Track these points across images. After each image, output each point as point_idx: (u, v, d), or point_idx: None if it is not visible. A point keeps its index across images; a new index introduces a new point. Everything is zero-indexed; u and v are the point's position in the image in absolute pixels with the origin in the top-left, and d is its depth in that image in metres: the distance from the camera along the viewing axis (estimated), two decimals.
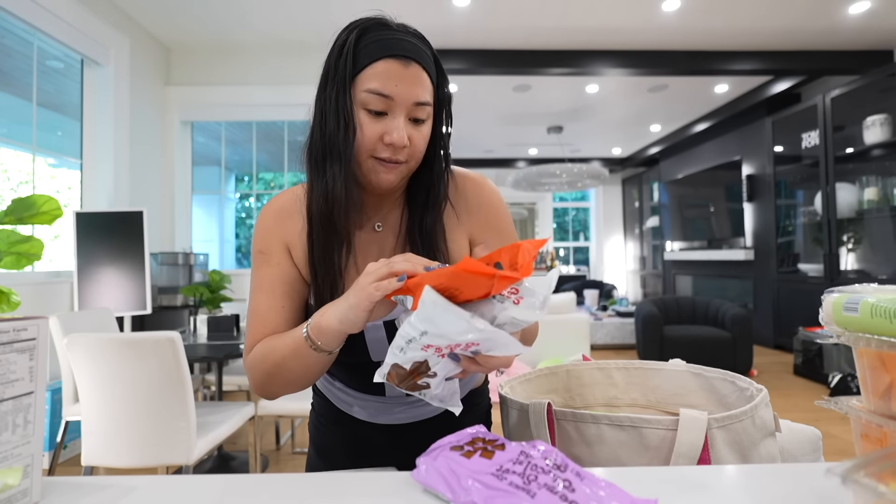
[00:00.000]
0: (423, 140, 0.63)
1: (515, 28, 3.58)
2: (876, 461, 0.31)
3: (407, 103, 0.60)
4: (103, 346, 1.52)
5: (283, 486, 0.48)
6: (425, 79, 0.61)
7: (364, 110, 0.60)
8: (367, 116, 0.60)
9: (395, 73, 0.59)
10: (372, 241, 0.70)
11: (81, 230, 2.73)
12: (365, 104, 0.60)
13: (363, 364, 0.69)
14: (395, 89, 0.59)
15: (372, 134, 0.60)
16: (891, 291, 0.49)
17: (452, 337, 0.43)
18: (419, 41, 0.63)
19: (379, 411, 0.74)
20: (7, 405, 0.42)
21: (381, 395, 0.73)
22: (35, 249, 0.87)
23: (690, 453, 0.52)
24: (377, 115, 0.60)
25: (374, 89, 0.59)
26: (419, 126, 0.62)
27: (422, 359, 0.46)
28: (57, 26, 2.69)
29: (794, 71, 4.05)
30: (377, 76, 0.59)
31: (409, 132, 0.61)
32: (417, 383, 0.49)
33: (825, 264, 3.99)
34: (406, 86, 0.59)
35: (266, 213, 0.70)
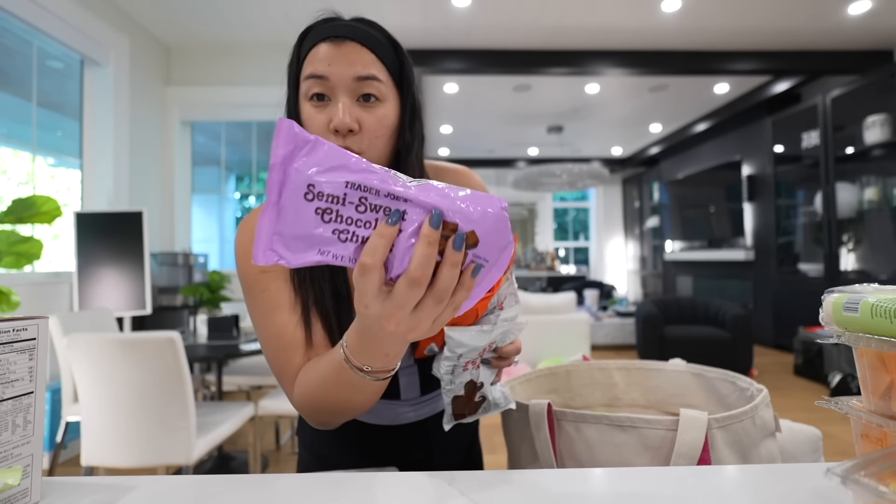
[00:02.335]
0: (378, 123, 0.58)
1: (515, 28, 3.58)
2: (876, 461, 0.31)
3: (346, 81, 0.56)
4: (103, 346, 1.52)
5: (283, 486, 0.48)
6: (366, 54, 0.57)
7: (307, 101, 0.57)
8: (311, 107, 0.57)
9: (328, 53, 0.56)
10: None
11: (81, 230, 2.73)
12: (306, 93, 0.57)
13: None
14: (328, 69, 0.55)
15: (319, 125, 0.57)
16: (891, 291, 0.49)
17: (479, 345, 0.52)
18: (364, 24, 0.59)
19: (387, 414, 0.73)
20: (7, 405, 0.42)
21: (396, 398, 0.71)
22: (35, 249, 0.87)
23: (690, 453, 0.52)
24: (319, 101, 0.57)
25: (309, 73, 0.56)
26: (371, 106, 0.57)
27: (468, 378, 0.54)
28: (57, 26, 2.69)
29: (794, 71, 4.05)
30: (311, 61, 0.57)
31: (359, 114, 0.57)
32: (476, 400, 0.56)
33: (825, 264, 3.99)
34: (340, 63, 0.56)
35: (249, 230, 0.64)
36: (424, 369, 0.71)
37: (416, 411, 0.73)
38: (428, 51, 3.87)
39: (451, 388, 0.54)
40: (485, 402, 0.57)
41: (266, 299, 0.61)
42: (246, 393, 2.88)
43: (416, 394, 0.72)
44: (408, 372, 0.70)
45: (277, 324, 0.60)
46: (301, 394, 0.57)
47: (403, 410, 0.73)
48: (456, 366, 0.53)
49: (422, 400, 0.73)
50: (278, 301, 0.60)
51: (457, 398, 0.55)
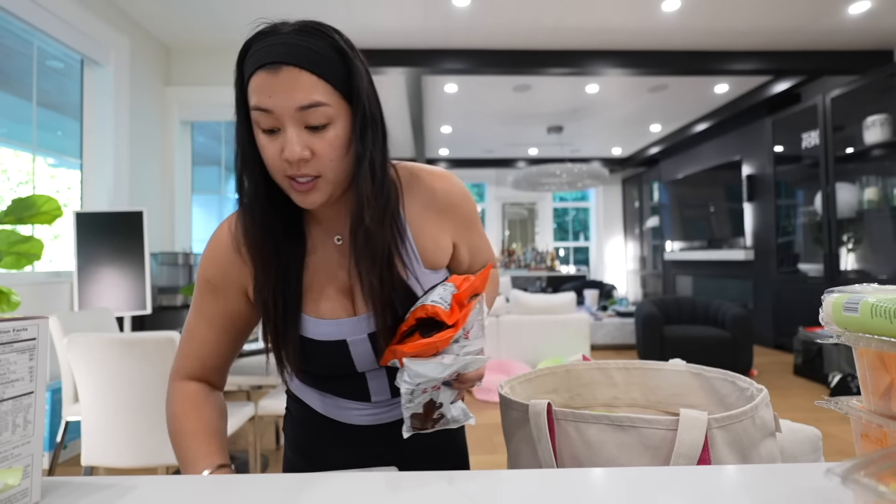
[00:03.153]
0: (328, 147, 0.56)
1: (515, 28, 3.58)
2: (876, 461, 0.31)
3: (289, 112, 0.54)
4: (103, 346, 1.52)
5: (283, 486, 0.48)
6: (306, 78, 0.53)
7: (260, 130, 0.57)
8: (264, 137, 0.56)
9: (266, 84, 0.53)
10: (333, 256, 0.67)
11: (81, 230, 2.73)
12: (257, 122, 0.56)
13: (349, 375, 0.70)
14: (269, 101, 0.53)
15: (272, 153, 0.56)
16: (891, 291, 0.49)
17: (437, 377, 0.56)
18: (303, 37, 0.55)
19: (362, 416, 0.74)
20: (7, 405, 0.42)
21: (367, 401, 0.72)
22: (35, 249, 0.87)
23: (690, 453, 0.52)
24: (271, 132, 0.56)
25: (253, 105, 0.55)
26: (321, 132, 0.56)
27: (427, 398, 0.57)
28: (57, 26, 2.69)
29: (794, 71, 4.05)
30: (254, 91, 0.55)
31: (309, 141, 0.55)
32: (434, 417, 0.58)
33: (825, 264, 3.99)
34: (280, 94, 0.53)
35: (221, 242, 0.65)
36: (392, 373, 0.71)
37: (390, 412, 0.73)
38: (428, 51, 3.87)
39: (410, 406, 0.57)
40: (443, 419, 0.59)
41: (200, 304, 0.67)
42: (246, 393, 2.88)
43: (387, 396, 0.72)
44: (375, 375, 0.71)
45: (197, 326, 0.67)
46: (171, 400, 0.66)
47: (377, 412, 0.73)
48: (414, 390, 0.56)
49: (394, 402, 0.73)
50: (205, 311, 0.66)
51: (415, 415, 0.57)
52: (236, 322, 0.68)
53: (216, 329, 0.67)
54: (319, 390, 0.74)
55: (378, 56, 3.87)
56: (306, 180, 0.57)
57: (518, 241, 8.89)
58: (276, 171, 0.57)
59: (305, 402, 0.77)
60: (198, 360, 0.67)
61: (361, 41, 3.73)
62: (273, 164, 0.57)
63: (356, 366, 0.67)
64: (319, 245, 0.67)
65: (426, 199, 0.68)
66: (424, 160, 7.47)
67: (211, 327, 0.67)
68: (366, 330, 0.66)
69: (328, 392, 0.73)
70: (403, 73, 4.04)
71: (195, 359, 0.67)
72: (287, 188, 0.59)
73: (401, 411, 0.72)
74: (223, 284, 0.66)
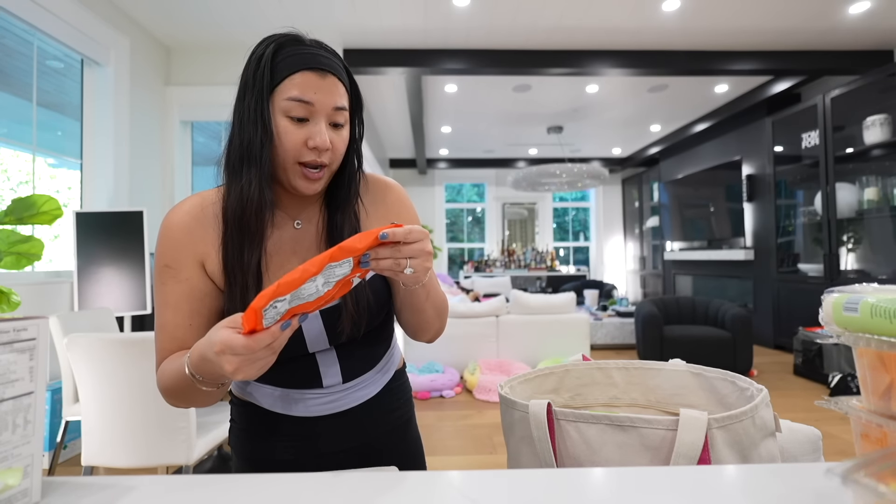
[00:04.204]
0: (342, 143, 0.69)
1: (515, 28, 3.58)
2: (876, 461, 0.31)
3: (327, 109, 0.66)
4: (103, 346, 1.52)
5: (283, 486, 0.48)
6: (341, 87, 0.68)
7: (286, 118, 0.65)
8: (289, 123, 0.65)
9: (314, 83, 0.65)
10: (291, 239, 0.73)
11: (81, 230, 2.73)
12: (287, 111, 0.65)
13: (299, 358, 0.72)
14: (314, 97, 0.65)
15: (296, 139, 0.65)
16: (891, 291, 0.49)
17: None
18: (332, 55, 0.69)
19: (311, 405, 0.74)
20: (7, 405, 0.42)
21: (319, 387, 0.74)
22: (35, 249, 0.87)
23: (690, 453, 0.52)
24: (299, 121, 0.65)
25: (295, 97, 0.64)
26: (339, 130, 0.69)
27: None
28: (57, 26, 2.69)
29: (794, 71, 4.05)
30: (297, 86, 0.64)
31: (331, 136, 0.67)
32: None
33: (825, 264, 3.99)
34: (324, 94, 0.65)
35: (171, 225, 0.69)
36: (344, 356, 0.74)
37: (340, 400, 0.75)
38: (428, 51, 3.87)
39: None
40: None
41: (163, 292, 0.68)
42: None
43: (338, 381, 0.74)
44: (326, 357, 0.73)
45: (165, 316, 0.68)
46: (160, 379, 0.67)
47: (331, 399, 0.75)
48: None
49: (345, 388, 0.75)
50: (171, 299, 0.68)
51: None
52: (204, 301, 0.69)
53: (184, 312, 0.68)
54: (270, 384, 0.74)
55: (378, 56, 3.87)
56: (317, 170, 0.68)
57: (518, 241, 8.89)
58: (293, 154, 0.66)
59: (253, 404, 0.77)
60: (176, 345, 0.68)
61: (362, 41, 3.74)
62: (293, 149, 0.66)
63: (307, 344, 0.70)
64: (278, 229, 0.73)
65: (374, 197, 0.79)
66: (424, 160, 7.47)
67: (178, 311, 0.68)
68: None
69: (279, 384, 0.74)
70: (403, 73, 4.05)
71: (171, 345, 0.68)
72: (295, 174, 0.67)
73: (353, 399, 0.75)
74: (179, 264, 0.68)
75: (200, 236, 0.69)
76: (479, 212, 9.00)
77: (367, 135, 5.31)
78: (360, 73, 3.99)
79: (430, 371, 3.65)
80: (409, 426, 0.86)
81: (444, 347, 3.91)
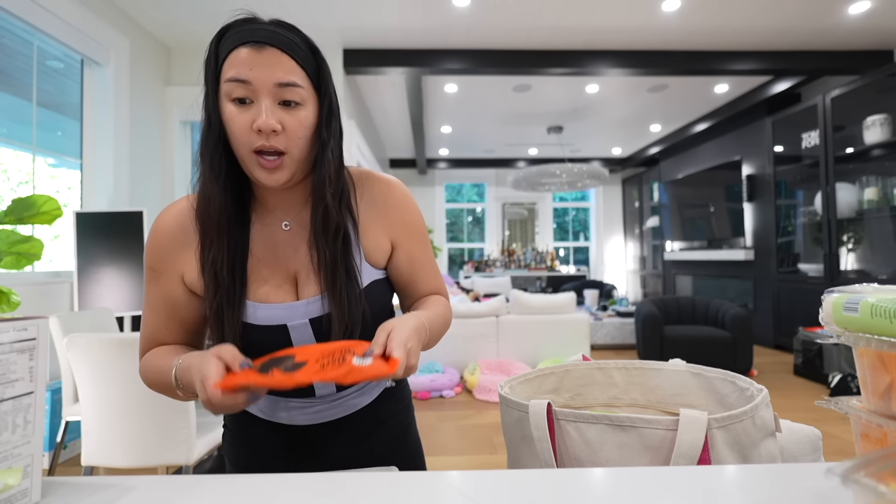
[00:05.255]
0: (299, 125, 0.61)
1: (515, 28, 3.58)
2: (876, 461, 0.31)
3: (268, 85, 0.59)
4: (103, 346, 1.52)
5: (282, 486, 0.48)
6: (286, 61, 0.60)
7: (230, 102, 0.60)
8: (233, 107, 0.60)
9: (250, 58, 0.58)
10: (279, 242, 0.69)
11: (81, 230, 2.73)
12: (228, 94, 0.60)
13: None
14: (250, 73, 0.58)
15: (242, 124, 0.59)
16: (891, 291, 0.49)
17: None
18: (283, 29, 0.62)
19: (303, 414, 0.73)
20: (7, 405, 0.42)
21: (311, 396, 0.73)
22: (35, 249, 0.87)
23: (690, 453, 0.52)
24: (241, 103, 0.60)
25: (231, 76, 0.59)
26: (293, 110, 0.61)
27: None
28: (57, 26, 2.69)
29: (794, 71, 4.05)
30: (233, 64, 0.59)
31: (281, 116, 0.60)
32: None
33: (825, 264, 3.99)
34: (263, 68, 0.58)
35: (158, 229, 0.68)
36: None
37: (334, 409, 0.74)
38: (428, 51, 3.87)
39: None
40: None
41: (147, 292, 0.69)
42: None
43: (332, 390, 0.73)
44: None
45: (147, 315, 0.69)
46: (143, 369, 0.68)
47: (322, 408, 0.73)
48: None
49: (338, 397, 0.74)
50: (151, 301, 0.68)
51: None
52: (179, 310, 0.69)
53: (161, 316, 0.68)
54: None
55: (378, 56, 3.87)
56: (273, 157, 0.60)
57: (518, 241, 8.89)
58: (244, 144, 0.60)
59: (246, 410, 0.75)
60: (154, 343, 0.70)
61: (362, 41, 3.74)
62: (241, 136, 0.59)
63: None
64: (265, 231, 0.69)
65: (373, 197, 0.72)
66: (424, 160, 7.47)
67: (157, 314, 0.68)
68: (307, 315, 0.67)
69: (271, 392, 0.73)
70: (403, 73, 4.04)
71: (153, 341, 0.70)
72: (252, 164, 0.61)
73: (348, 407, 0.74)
74: (161, 270, 0.67)
75: (183, 242, 0.67)
76: (479, 212, 9.00)
77: (367, 135, 5.31)
78: (360, 73, 4.00)
79: (430, 371, 3.65)
80: (409, 431, 0.83)
81: (444, 347, 3.91)
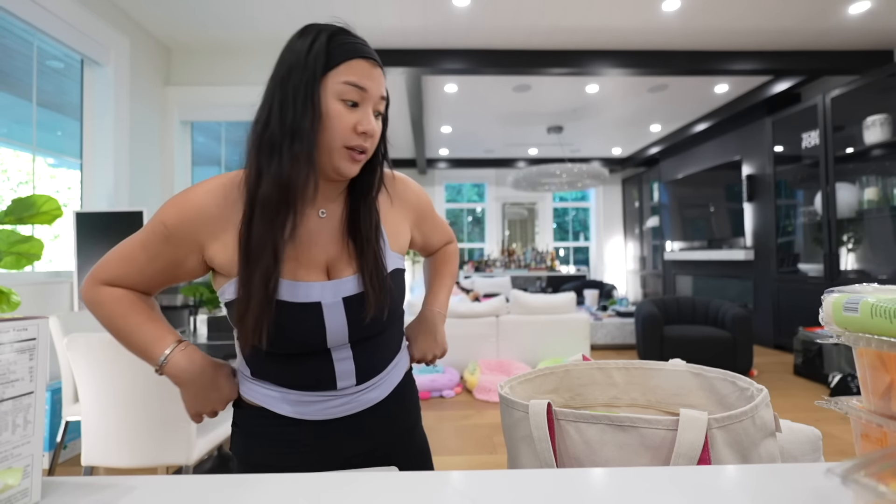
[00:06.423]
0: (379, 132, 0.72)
1: (515, 28, 3.58)
2: (876, 461, 0.31)
3: (375, 97, 0.69)
4: (103, 346, 1.52)
5: (282, 486, 0.48)
6: (384, 80, 0.72)
7: (339, 101, 0.67)
8: (342, 107, 0.67)
9: (368, 71, 0.68)
10: (312, 229, 0.73)
11: (81, 230, 2.73)
12: (341, 94, 0.67)
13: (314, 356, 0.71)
14: (368, 83, 0.68)
15: (347, 123, 0.67)
16: (891, 291, 0.49)
17: None
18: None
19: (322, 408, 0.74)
20: (7, 405, 0.42)
21: (332, 389, 0.73)
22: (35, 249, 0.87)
23: (690, 453, 0.52)
24: (351, 106, 0.67)
25: (351, 81, 0.67)
26: (378, 120, 0.72)
27: None
28: (57, 26, 2.69)
29: (794, 71, 4.05)
30: (353, 71, 0.67)
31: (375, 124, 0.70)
32: None
33: (825, 264, 3.99)
34: (375, 83, 0.69)
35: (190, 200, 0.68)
36: (359, 354, 0.74)
37: (351, 402, 0.74)
38: (428, 51, 3.87)
39: None
40: None
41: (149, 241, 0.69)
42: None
43: (352, 382, 0.74)
44: (342, 356, 0.72)
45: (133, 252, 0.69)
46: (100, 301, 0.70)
47: (339, 402, 0.74)
48: None
49: (357, 390, 0.75)
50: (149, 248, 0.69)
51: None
52: (176, 270, 0.71)
53: (154, 268, 0.70)
54: (283, 387, 0.73)
55: (378, 56, 3.87)
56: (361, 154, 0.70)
57: (518, 241, 8.89)
58: (342, 138, 0.68)
59: (261, 407, 0.74)
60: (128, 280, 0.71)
61: None
62: (343, 132, 0.67)
63: (328, 336, 0.70)
64: (303, 217, 0.72)
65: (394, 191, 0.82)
66: (424, 160, 7.47)
67: (151, 263, 0.70)
68: (340, 294, 0.71)
69: (292, 387, 0.73)
70: (403, 73, 4.04)
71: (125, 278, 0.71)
72: (341, 157, 0.69)
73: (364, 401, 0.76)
74: (181, 237, 0.68)
75: (213, 218, 0.68)
76: (479, 212, 9.00)
77: None
78: None
79: (430, 371, 3.65)
80: (416, 430, 0.85)
81: None
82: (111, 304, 0.70)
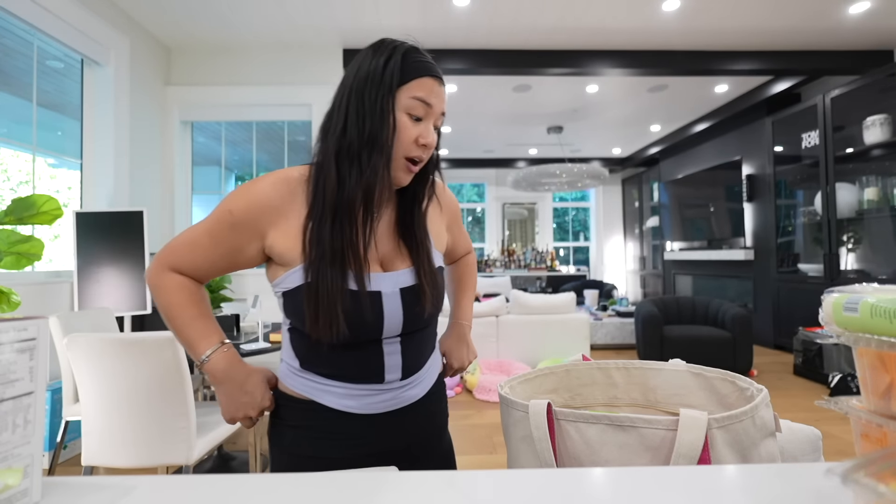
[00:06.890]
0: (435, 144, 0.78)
1: (515, 28, 3.58)
2: (876, 461, 0.31)
3: (436, 113, 0.75)
4: (103, 346, 1.52)
5: (283, 486, 0.48)
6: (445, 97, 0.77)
7: (406, 114, 0.73)
8: (408, 120, 0.73)
9: (435, 89, 0.74)
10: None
11: (81, 230, 2.73)
12: (409, 109, 0.73)
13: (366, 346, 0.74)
14: (434, 100, 0.74)
15: (411, 135, 0.73)
16: (891, 291, 0.49)
17: None
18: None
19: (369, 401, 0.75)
20: (7, 405, 0.42)
21: (380, 381, 0.75)
22: (35, 249, 0.87)
23: (690, 453, 0.52)
24: (416, 120, 0.73)
25: (420, 97, 0.73)
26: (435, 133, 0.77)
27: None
28: (57, 26, 2.69)
29: (794, 71, 4.05)
30: (422, 88, 0.73)
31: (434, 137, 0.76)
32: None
33: (825, 264, 3.99)
34: (439, 100, 0.75)
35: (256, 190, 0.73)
36: (406, 350, 0.76)
37: (397, 397, 0.77)
38: (428, 51, 3.86)
39: None
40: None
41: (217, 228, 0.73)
42: None
43: (398, 376, 0.76)
44: (392, 348, 0.75)
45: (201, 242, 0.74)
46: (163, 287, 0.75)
47: (384, 398, 0.76)
48: None
49: (401, 385, 0.77)
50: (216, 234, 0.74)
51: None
52: (237, 257, 0.75)
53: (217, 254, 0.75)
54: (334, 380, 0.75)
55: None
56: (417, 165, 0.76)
57: (518, 241, 8.89)
58: (405, 149, 0.73)
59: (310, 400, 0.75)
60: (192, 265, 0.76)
61: (362, 41, 3.74)
62: (407, 144, 0.73)
63: (385, 324, 0.74)
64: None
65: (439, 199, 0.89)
66: None
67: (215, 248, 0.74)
68: (398, 284, 0.76)
69: (343, 379, 0.75)
70: None
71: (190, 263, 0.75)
72: (400, 165, 0.75)
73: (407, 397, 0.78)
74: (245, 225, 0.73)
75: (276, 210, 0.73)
76: (479, 212, 9.00)
77: None
78: None
79: None
80: (446, 431, 0.89)
81: None
82: (173, 292, 0.75)
